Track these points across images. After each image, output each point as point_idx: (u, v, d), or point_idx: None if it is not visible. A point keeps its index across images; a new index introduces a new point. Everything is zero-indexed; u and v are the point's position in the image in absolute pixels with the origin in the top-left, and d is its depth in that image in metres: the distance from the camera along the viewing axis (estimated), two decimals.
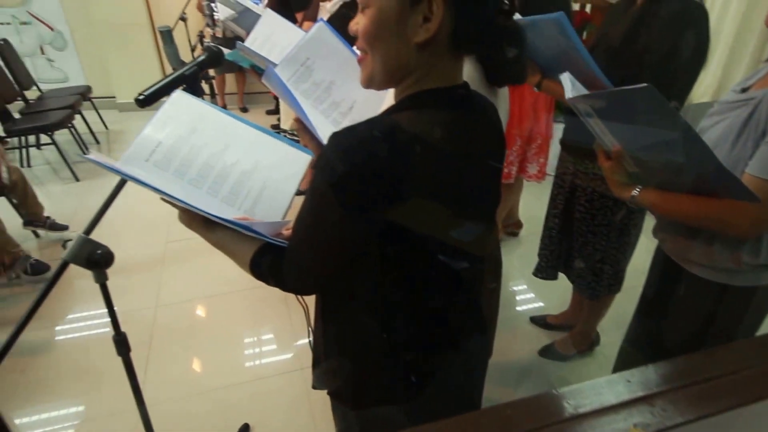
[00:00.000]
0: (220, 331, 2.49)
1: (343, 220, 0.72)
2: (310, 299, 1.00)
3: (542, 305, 2.67)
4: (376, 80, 0.79)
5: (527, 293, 2.79)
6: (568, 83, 1.29)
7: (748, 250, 1.16)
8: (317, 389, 1.08)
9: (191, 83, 1.13)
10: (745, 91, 1.17)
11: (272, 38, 1.81)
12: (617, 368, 1.71)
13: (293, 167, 1.07)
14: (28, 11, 5.22)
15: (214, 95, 4.95)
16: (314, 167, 0.74)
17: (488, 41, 0.78)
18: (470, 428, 0.64)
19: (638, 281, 1.56)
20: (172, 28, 3.91)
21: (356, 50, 1.43)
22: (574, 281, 2.13)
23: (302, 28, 2.36)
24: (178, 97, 1.02)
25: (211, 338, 2.43)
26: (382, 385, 0.93)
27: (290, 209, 1.04)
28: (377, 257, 0.78)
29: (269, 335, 2.46)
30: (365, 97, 1.41)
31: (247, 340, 2.43)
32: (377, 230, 0.74)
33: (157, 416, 1.47)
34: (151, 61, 5.44)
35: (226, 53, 1.71)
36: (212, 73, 4.65)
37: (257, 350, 2.37)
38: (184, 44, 4.04)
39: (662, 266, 1.42)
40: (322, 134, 1.33)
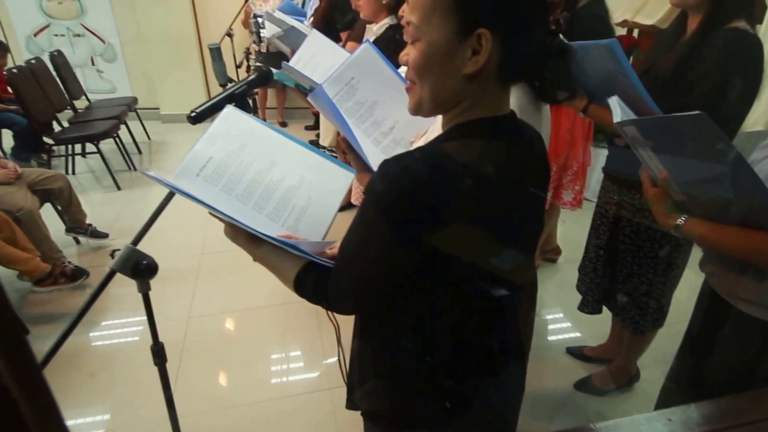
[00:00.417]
0: (249, 345, 2.49)
1: (390, 245, 0.74)
2: (343, 318, 0.99)
3: (579, 335, 2.59)
4: (424, 108, 0.81)
5: (564, 322, 2.71)
6: (616, 107, 1.28)
7: None
8: (350, 409, 1.08)
9: (240, 101, 1.14)
10: None
11: (316, 59, 1.84)
12: (659, 407, 1.64)
13: (336, 184, 1.08)
14: (82, 24, 5.47)
15: (255, 110, 5.06)
16: (364, 192, 0.76)
17: (536, 65, 0.79)
18: None
19: (681, 316, 1.50)
20: (219, 43, 4.03)
21: (401, 73, 1.45)
22: (617, 314, 2.06)
23: (346, 48, 2.39)
24: (229, 113, 1.04)
25: (240, 352, 2.43)
26: (417, 409, 0.93)
27: (331, 226, 1.06)
28: (420, 282, 0.79)
29: (299, 352, 2.45)
30: (407, 117, 1.41)
31: (276, 356, 2.43)
32: (422, 256, 0.75)
33: (182, 429, 1.47)
34: (195, 74, 5.59)
35: (273, 72, 1.74)
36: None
37: (286, 367, 2.36)
38: (229, 59, 4.14)
39: (708, 302, 1.36)
40: (364, 152, 1.34)
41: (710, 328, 1.37)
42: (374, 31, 2.07)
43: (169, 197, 1.07)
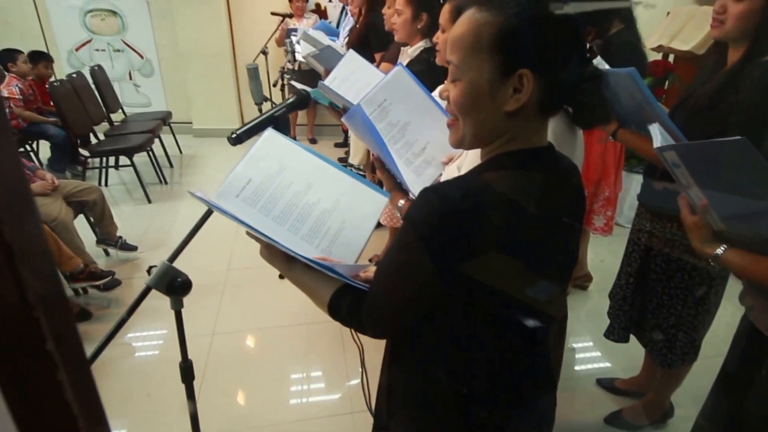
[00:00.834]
0: (272, 365, 2.47)
1: (426, 272, 0.76)
2: (367, 340, 0.99)
3: (609, 366, 2.52)
4: (465, 143, 0.83)
5: (593, 351, 2.64)
6: (657, 133, 1.29)
7: None
8: None
9: (279, 124, 1.15)
10: None
11: (351, 78, 1.86)
12: None
13: (370, 208, 1.08)
14: (122, 39, 5.65)
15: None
16: (404, 218, 0.79)
17: (572, 93, 0.81)
18: None
19: (719, 349, 1.44)
20: (254, 61, 4.11)
21: (434, 95, 1.45)
22: (645, 345, 2.00)
23: (380, 68, 2.41)
24: (269, 136, 1.05)
25: (263, 372, 2.42)
26: None
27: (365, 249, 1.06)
28: (454, 310, 0.80)
29: (320, 373, 2.43)
30: (438, 138, 1.42)
31: (298, 376, 2.41)
32: (458, 285, 0.76)
33: None
34: (229, 90, 5.71)
35: (309, 91, 1.75)
36: None
37: (307, 388, 2.34)
38: (263, 77, 4.21)
39: (747, 337, 1.32)
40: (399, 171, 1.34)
41: (748, 365, 1.32)
42: (409, 53, 2.07)
43: (206, 216, 1.08)
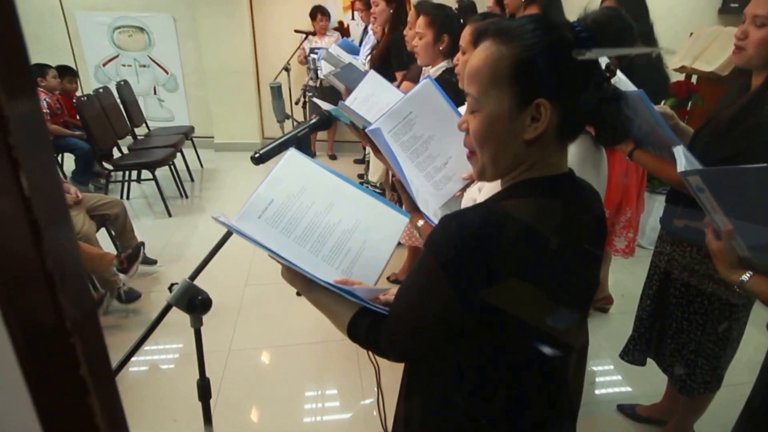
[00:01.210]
0: (287, 383, 2.45)
1: (446, 298, 0.76)
2: (384, 361, 0.98)
3: (630, 390, 2.46)
4: (487, 174, 0.83)
5: (614, 375, 2.58)
6: (681, 156, 1.28)
7: None
8: None
9: (302, 144, 1.16)
10: None
11: (372, 99, 1.87)
12: None
13: (390, 228, 1.09)
14: (148, 55, 5.78)
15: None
16: (425, 244, 0.79)
17: (594, 113, 0.81)
18: None
19: (746, 377, 1.40)
20: (276, 78, 4.17)
21: (459, 111, 1.46)
22: (665, 371, 1.95)
23: (401, 88, 2.43)
24: (291, 156, 1.06)
25: (278, 390, 2.41)
26: None
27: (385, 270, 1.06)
28: (473, 338, 0.81)
29: (335, 391, 2.41)
30: (460, 154, 1.42)
31: (313, 394, 2.39)
32: (477, 311, 0.76)
33: None
34: (250, 106, 5.80)
35: (330, 109, 1.77)
36: None
37: (321, 406, 2.33)
38: (285, 94, 4.28)
39: None
40: (415, 189, 1.35)
41: None
42: (431, 73, 2.09)
43: (227, 236, 1.08)
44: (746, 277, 1.09)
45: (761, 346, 1.37)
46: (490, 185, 1.20)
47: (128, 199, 4.59)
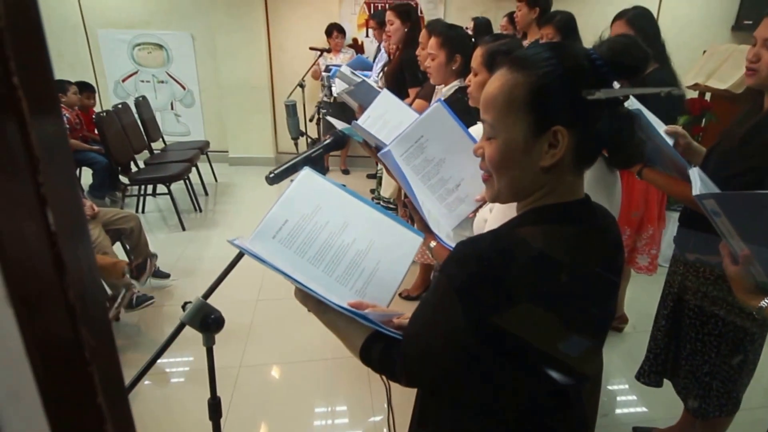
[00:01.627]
0: (297, 400, 2.45)
1: (460, 325, 0.76)
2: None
3: (646, 411, 2.42)
4: (501, 198, 0.83)
5: (629, 395, 2.54)
6: (696, 179, 1.27)
7: None
8: None
9: (316, 164, 1.18)
10: None
11: (385, 117, 1.88)
12: None
13: (405, 249, 1.08)
14: (166, 71, 5.90)
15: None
16: (440, 269, 0.80)
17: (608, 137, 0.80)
18: None
19: (765, 401, 1.37)
20: (291, 94, 4.22)
21: (471, 133, 1.47)
22: (680, 393, 1.92)
23: (413, 105, 2.45)
24: (305, 176, 1.07)
25: (288, 406, 2.40)
26: None
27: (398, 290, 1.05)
28: (487, 365, 0.80)
29: (344, 407, 2.40)
30: (472, 176, 1.42)
31: (323, 410, 2.38)
32: (491, 339, 0.75)
33: None
34: (265, 121, 5.88)
35: (343, 128, 1.79)
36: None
37: (331, 422, 2.32)
38: (299, 110, 4.33)
39: None
40: (427, 211, 1.35)
41: None
42: (443, 92, 2.11)
43: (240, 255, 1.09)
44: (765, 302, 1.06)
45: None
46: (500, 206, 1.20)
47: (143, 212, 4.63)
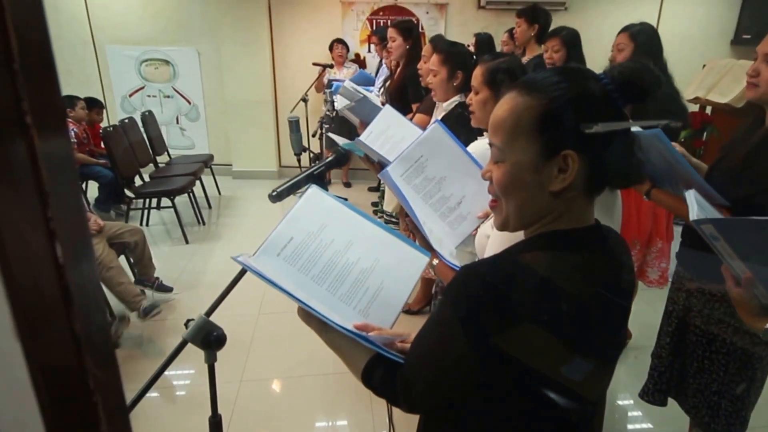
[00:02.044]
0: (299, 414, 2.44)
1: (463, 350, 0.74)
2: None
3: (651, 428, 2.40)
4: (510, 224, 0.81)
5: (634, 410, 2.53)
6: (693, 203, 1.25)
7: None
8: None
9: (319, 181, 1.19)
10: None
11: (387, 133, 1.90)
12: None
13: (410, 269, 1.06)
14: (173, 86, 5.98)
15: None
16: (444, 293, 0.78)
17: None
18: None
19: None
20: (294, 108, 4.25)
21: (469, 150, 1.48)
22: (687, 412, 1.90)
23: (414, 119, 2.47)
24: (312, 193, 1.07)
25: (289, 421, 2.38)
26: None
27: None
28: (490, 391, 0.78)
29: (345, 422, 2.39)
30: (474, 193, 1.43)
31: (323, 425, 2.38)
32: (495, 364, 0.74)
33: None
34: (268, 135, 5.92)
35: (344, 143, 1.81)
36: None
37: None
38: (302, 124, 4.36)
39: None
40: (428, 230, 1.36)
41: None
42: (444, 107, 2.13)
43: (243, 271, 1.10)
44: None
45: None
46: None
47: (147, 225, 4.65)
